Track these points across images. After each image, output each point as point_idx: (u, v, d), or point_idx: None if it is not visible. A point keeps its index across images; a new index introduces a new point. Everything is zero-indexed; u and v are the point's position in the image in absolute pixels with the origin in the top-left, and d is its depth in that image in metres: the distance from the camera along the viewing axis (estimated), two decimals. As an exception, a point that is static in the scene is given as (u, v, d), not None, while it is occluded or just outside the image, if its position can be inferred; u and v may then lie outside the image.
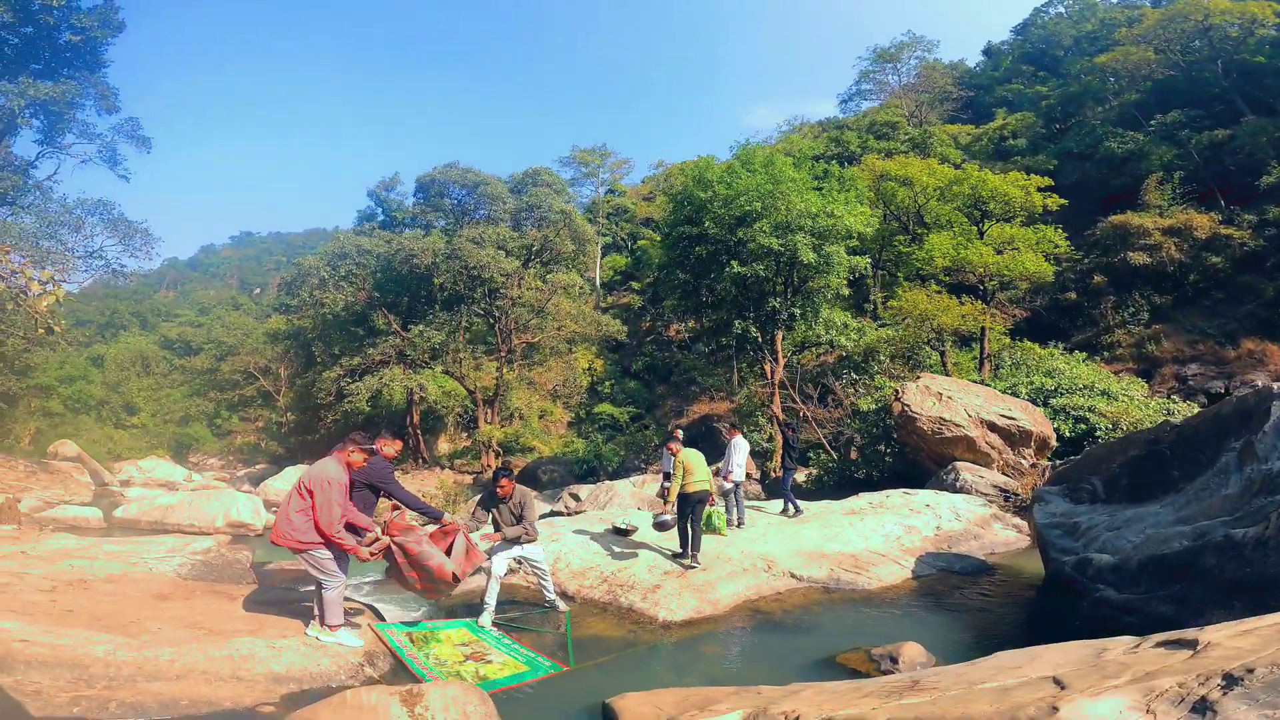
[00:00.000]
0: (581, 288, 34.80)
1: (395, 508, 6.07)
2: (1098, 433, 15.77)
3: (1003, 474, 14.30)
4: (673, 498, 8.11)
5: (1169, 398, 19.60)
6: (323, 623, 5.21)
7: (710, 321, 23.13)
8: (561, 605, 7.10)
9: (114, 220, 22.50)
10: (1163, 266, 26.52)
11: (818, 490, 16.98)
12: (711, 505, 8.73)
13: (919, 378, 16.75)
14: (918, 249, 25.44)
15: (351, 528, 5.34)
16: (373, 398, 28.77)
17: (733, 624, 6.89)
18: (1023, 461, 14.75)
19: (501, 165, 39.46)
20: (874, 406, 17.82)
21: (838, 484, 17.46)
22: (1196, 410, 17.79)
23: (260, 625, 5.12)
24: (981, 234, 25.46)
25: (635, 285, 46.82)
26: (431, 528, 6.28)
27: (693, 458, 8.38)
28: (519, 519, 6.84)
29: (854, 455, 19.21)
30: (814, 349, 23.90)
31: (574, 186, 61.64)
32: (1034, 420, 14.76)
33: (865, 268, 20.61)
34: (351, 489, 5.41)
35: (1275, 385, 6.08)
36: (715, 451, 22.76)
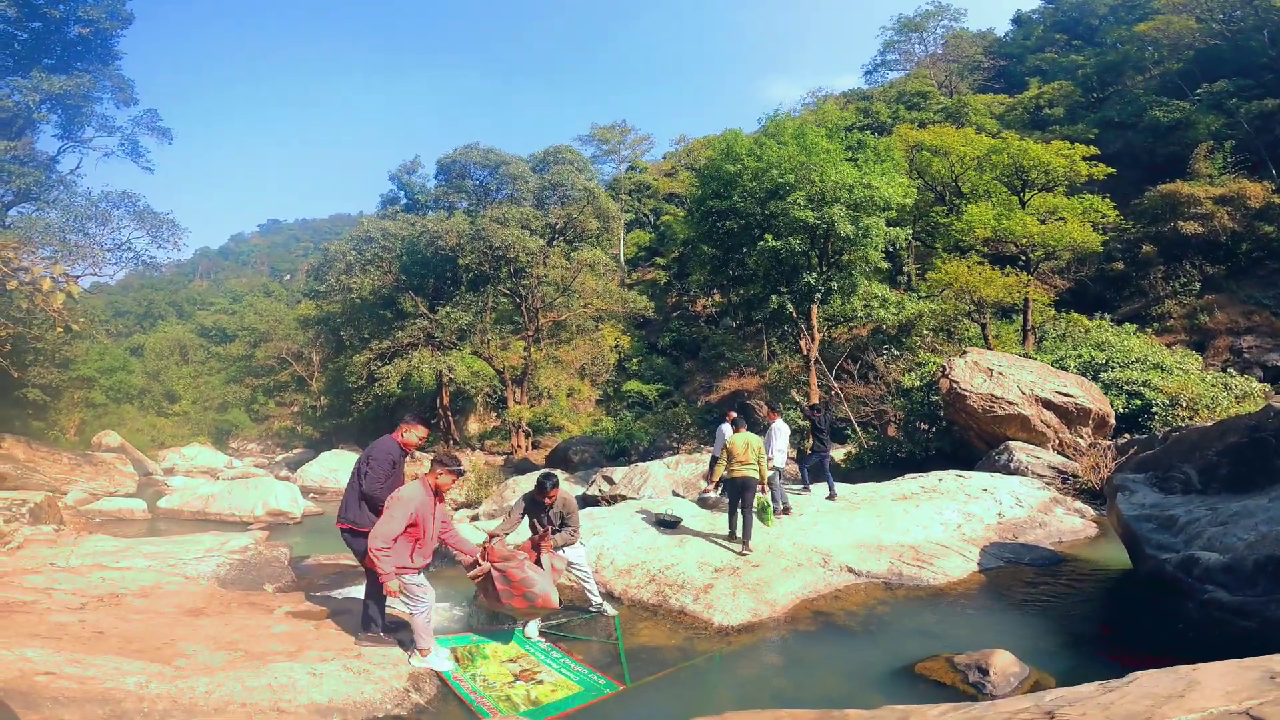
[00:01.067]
0: (607, 265, 34.23)
1: (493, 535, 6.01)
2: (1154, 409, 14.92)
3: (1059, 454, 13.59)
4: (715, 478, 7.87)
5: (1225, 371, 18.57)
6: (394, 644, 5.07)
7: (740, 297, 22.42)
8: (609, 609, 6.69)
9: (140, 212, 22.40)
10: (1215, 236, 25.25)
11: (857, 471, 16.37)
12: (763, 493, 8.22)
13: (965, 353, 15.96)
14: (956, 220, 24.41)
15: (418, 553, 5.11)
16: (403, 380, 28.68)
17: (795, 628, 6.41)
18: (1080, 441, 13.98)
19: (521, 147, 39.03)
20: (917, 383, 17.07)
21: (878, 464, 16.82)
22: (1255, 384, 16.87)
23: (299, 645, 4.75)
24: (1023, 204, 24.39)
25: (660, 261, 46.11)
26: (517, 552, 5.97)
27: (739, 442, 8.01)
28: (562, 525, 6.44)
29: (893, 433, 18.53)
30: (849, 324, 23.08)
31: (595, 164, 60.56)
32: (1092, 397, 13.95)
33: (904, 239, 19.68)
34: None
35: None
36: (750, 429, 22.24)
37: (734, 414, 11.43)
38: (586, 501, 17.29)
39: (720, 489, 9.50)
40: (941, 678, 5.12)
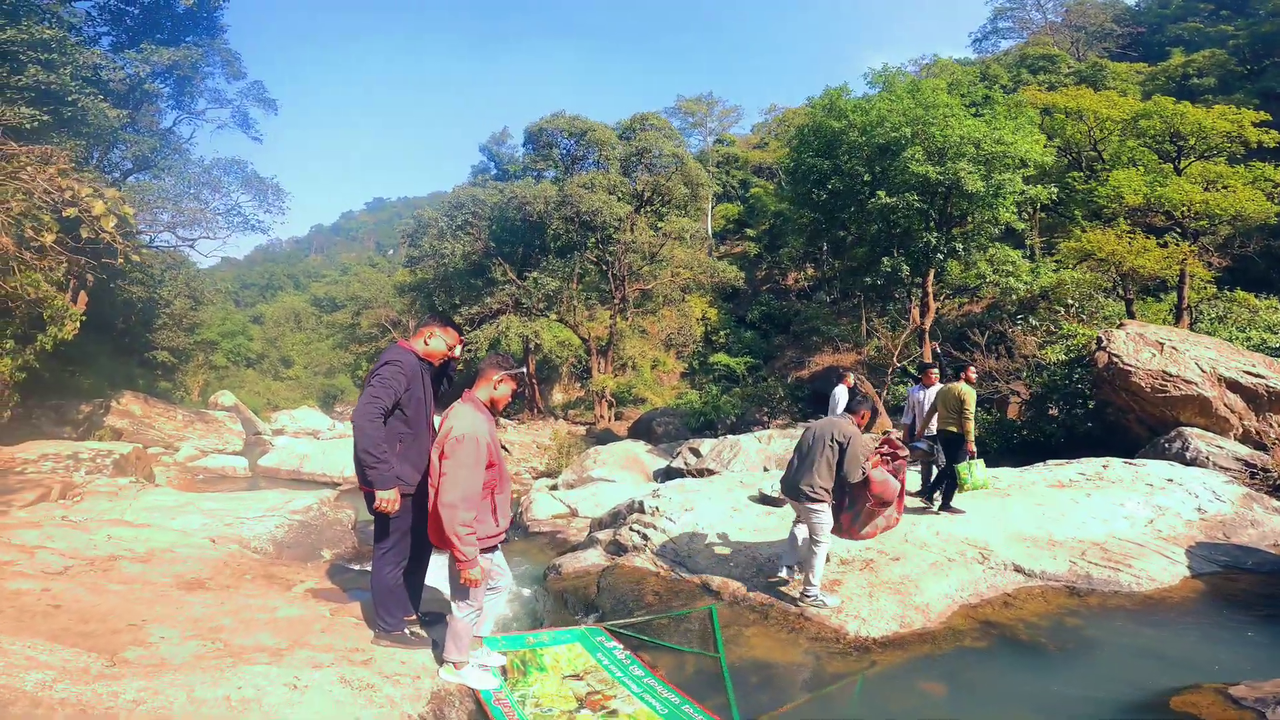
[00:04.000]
0: (696, 233, 32.45)
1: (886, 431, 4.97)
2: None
3: (1241, 444, 10.93)
4: (921, 431, 7.32)
5: None
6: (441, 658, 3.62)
7: (843, 264, 20.25)
8: (828, 600, 5.09)
9: (248, 177, 22.61)
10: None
11: (978, 454, 14.05)
12: (973, 455, 6.97)
13: (1121, 325, 13.34)
14: (1099, 186, 21.18)
15: None
16: (491, 346, 28.17)
17: (959, 643, 4.69)
18: (1269, 430, 11.23)
19: (607, 120, 37.45)
20: (1062, 357, 14.47)
21: (999, 449, 14.48)
22: None
23: (296, 640, 3.50)
24: (1179, 172, 20.96)
25: (750, 232, 43.75)
26: None
27: (939, 394, 7.18)
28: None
29: (1014, 414, 16.01)
30: (967, 294, 20.32)
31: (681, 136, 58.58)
32: (1292, 375, 11.11)
33: (1046, 199, 16.86)
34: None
35: None
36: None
37: (850, 376, 9.78)
38: (670, 474, 15.84)
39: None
40: (1216, 717, 3.30)
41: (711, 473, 14.61)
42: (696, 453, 15.47)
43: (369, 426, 3.33)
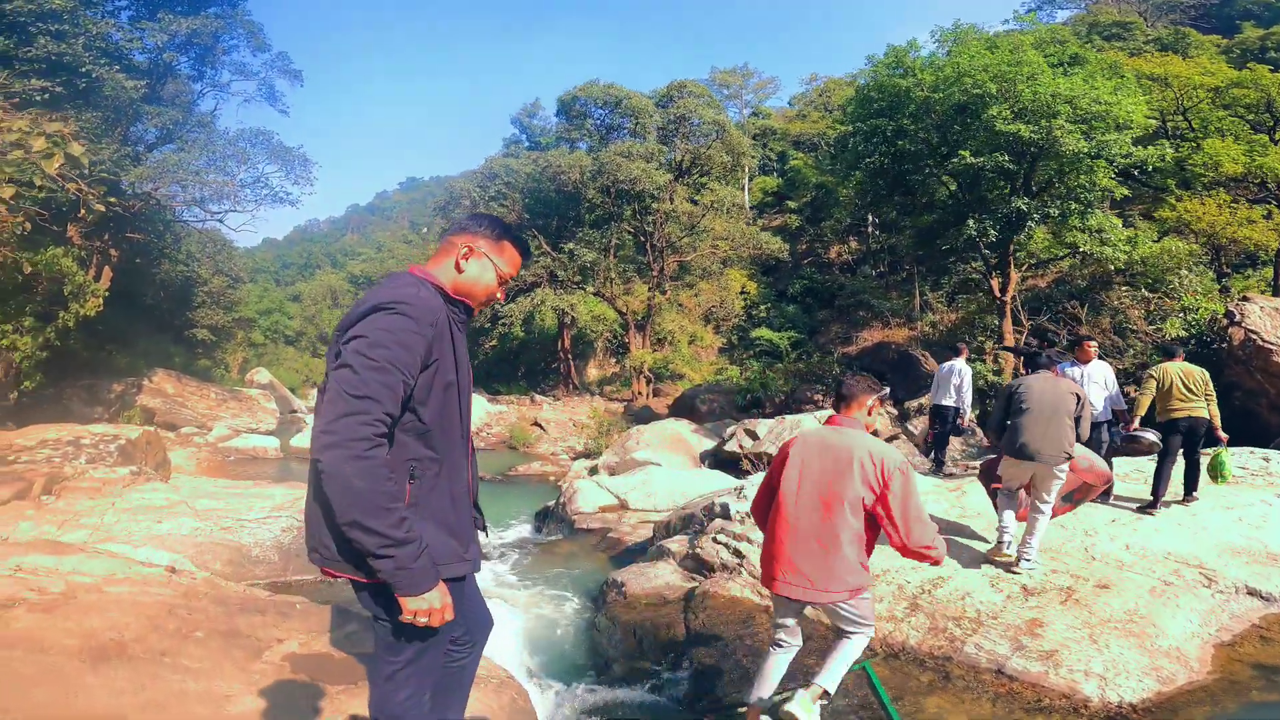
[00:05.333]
0: (737, 202, 30.60)
1: None
2: None
3: None
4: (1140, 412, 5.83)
5: None
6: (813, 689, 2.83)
7: (894, 238, 18.43)
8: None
9: (274, 148, 21.47)
10: None
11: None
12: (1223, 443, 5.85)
13: (1246, 298, 11.43)
14: (1194, 154, 19.14)
15: None
16: (525, 322, 26.89)
17: (1245, 697, 3.13)
18: None
19: (641, 89, 35.35)
20: (1182, 333, 12.50)
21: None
22: None
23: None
24: (1275, 143, 19.15)
25: (791, 204, 41.56)
26: None
27: (1176, 372, 5.84)
28: None
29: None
30: (1038, 267, 18.26)
31: (717, 106, 56.10)
32: None
33: (1156, 160, 14.88)
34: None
35: None
36: (910, 385, 18.27)
37: (965, 348, 8.20)
38: (723, 460, 14.36)
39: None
40: None
41: (771, 457, 13.08)
42: (753, 434, 13.92)
43: (357, 469, 1.50)
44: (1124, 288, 18.12)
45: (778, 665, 3.02)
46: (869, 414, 2.89)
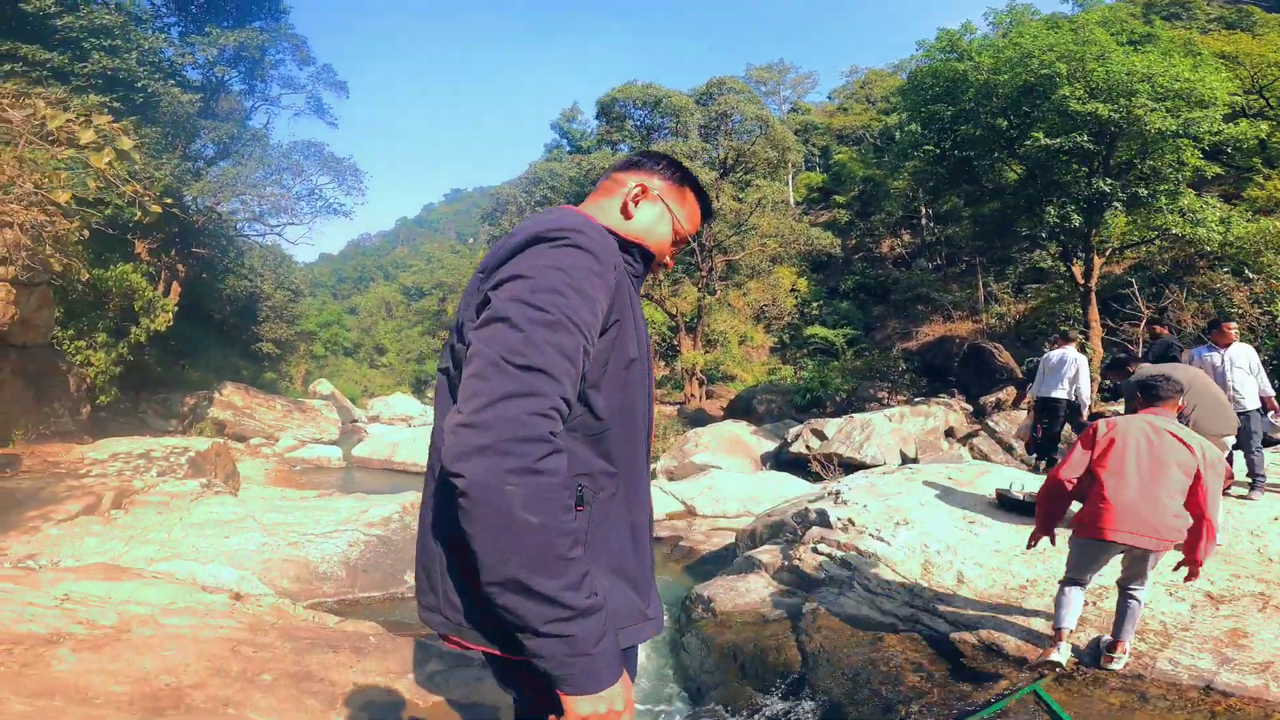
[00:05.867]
0: (783, 195, 29.81)
1: None
2: None
3: None
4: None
5: None
6: None
7: (970, 219, 17.37)
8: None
9: (325, 159, 21.76)
10: None
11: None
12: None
13: None
14: (1276, 132, 17.73)
15: None
16: (574, 328, 26.60)
17: None
18: None
19: (678, 88, 34.69)
20: None
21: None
22: None
23: None
24: None
25: (839, 199, 40.41)
26: None
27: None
28: None
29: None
30: (1136, 247, 17.00)
31: (756, 104, 55.21)
32: None
33: (1251, 138, 13.73)
34: None
35: None
36: (982, 380, 17.17)
37: (1075, 334, 7.53)
38: (788, 461, 13.68)
39: None
40: None
41: (840, 458, 12.36)
42: (820, 435, 13.20)
43: (527, 490, 0.93)
44: (1207, 271, 16.75)
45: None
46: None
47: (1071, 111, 12.53)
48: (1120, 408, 8.67)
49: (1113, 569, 3.25)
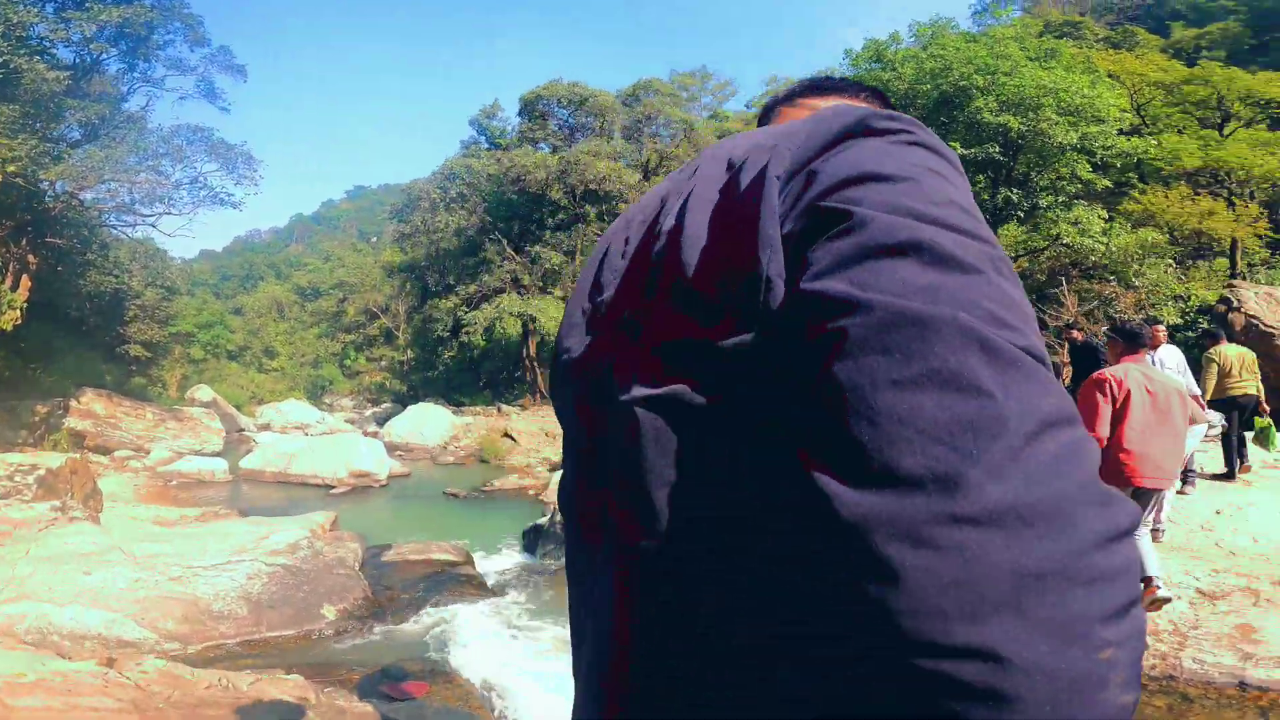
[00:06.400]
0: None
1: None
2: None
3: None
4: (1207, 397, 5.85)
5: None
6: None
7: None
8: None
9: (213, 145, 19.72)
10: None
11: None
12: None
13: (1229, 285, 11.54)
14: (1155, 148, 19.87)
15: None
16: (488, 330, 25.71)
17: None
18: None
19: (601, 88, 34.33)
20: (1178, 320, 12.46)
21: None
22: None
23: None
24: (1225, 138, 20.16)
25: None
26: None
27: (1231, 353, 6.31)
28: None
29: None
30: (1023, 258, 18.32)
31: (675, 111, 56.06)
32: None
33: (1142, 152, 15.13)
34: None
35: None
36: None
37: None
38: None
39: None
40: None
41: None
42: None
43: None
44: (1080, 280, 18.39)
45: None
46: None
47: (984, 123, 13.28)
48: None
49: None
